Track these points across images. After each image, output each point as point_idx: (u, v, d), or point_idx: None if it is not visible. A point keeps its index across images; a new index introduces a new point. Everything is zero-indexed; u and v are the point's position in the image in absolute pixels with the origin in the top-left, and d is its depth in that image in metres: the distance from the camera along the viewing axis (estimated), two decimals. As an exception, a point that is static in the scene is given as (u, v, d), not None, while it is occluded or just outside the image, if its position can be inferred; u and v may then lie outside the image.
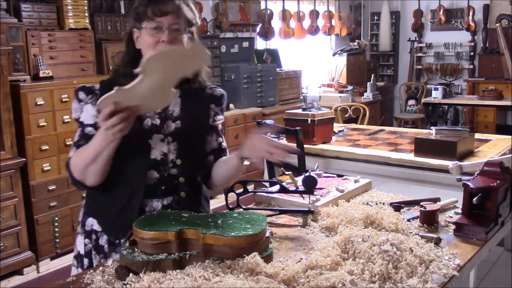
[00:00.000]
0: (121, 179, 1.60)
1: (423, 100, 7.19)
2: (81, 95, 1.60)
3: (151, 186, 1.61)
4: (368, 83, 7.34)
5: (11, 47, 3.67)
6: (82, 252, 1.69)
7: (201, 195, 1.76)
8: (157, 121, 1.63)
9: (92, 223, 1.67)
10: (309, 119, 3.50)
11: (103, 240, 1.65)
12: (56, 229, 3.85)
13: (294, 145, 3.30)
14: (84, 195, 1.77)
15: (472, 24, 7.65)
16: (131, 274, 1.28)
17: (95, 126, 1.55)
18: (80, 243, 1.70)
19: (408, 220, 1.70)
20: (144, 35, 1.56)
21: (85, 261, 1.67)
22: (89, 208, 1.71)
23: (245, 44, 6.27)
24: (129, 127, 1.37)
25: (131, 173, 1.60)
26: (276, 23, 6.63)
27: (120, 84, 1.40)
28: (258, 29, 6.53)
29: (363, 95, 7.28)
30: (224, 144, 1.81)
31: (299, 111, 3.67)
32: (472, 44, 7.87)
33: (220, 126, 1.80)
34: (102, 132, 1.39)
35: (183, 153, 1.65)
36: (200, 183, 1.76)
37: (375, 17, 8.59)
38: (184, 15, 1.56)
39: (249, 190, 1.81)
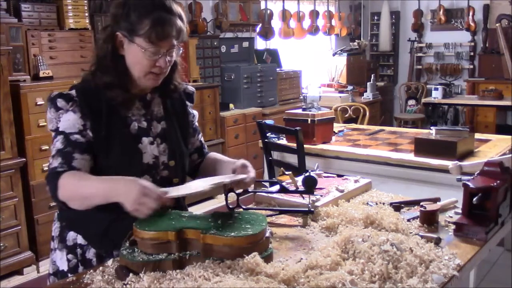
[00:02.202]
0: None
1: (423, 100, 7.19)
2: (60, 102, 1.50)
3: None
4: (368, 83, 7.34)
5: (11, 47, 3.67)
6: (65, 268, 1.57)
7: None
8: (144, 124, 1.58)
9: (75, 237, 1.58)
10: (309, 119, 3.50)
11: (91, 254, 1.56)
12: (56, 229, 3.84)
13: (294, 145, 3.30)
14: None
15: (472, 24, 7.65)
16: (131, 274, 1.28)
17: (82, 133, 1.49)
18: (61, 259, 1.59)
19: (408, 220, 1.70)
20: (137, 50, 1.48)
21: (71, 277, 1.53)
22: (68, 222, 1.60)
23: (245, 44, 6.27)
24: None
25: None
26: (276, 23, 6.63)
27: (97, 89, 1.47)
28: (258, 29, 6.53)
29: (363, 95, 7.28)
30: (202, 139, 1.84)
31: (299, 111, 3.67)
32: (472, 44, 7.87)
33: (196, 124, 1.81)
34: (126, 200, 1.36)
35: (175, 154, 1.63)
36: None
37: (375, 17, 8.59)
38: (182, 38, 1.51)
39: (249, 190, 1.81)
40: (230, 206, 1.70)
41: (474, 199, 1.62)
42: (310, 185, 1.71)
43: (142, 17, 1.45)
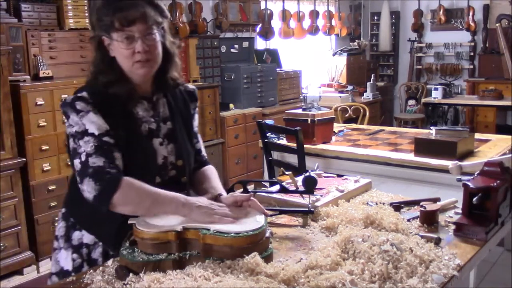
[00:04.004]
0: None
1: (423, 100, 7.19)
2: (80, 104, 1.49)
3: None
4: (368, 83, 7.34)
5: (11, 47, 3.67)
6: (69, 268, 1.59)
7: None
8: (154, 125, 1.61)
9: (80, 236, 1.59)
10: (309, 119, 3.50)
11: (97, 253, 1.58)
12: (56, 229, 3.84)
13: (294, 145, 3.30)
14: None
15: (472, 24, 7.64)
16: (131, 274, 1.28)
17: (109, 134, 1.49)
18: (65, 259, 1.60)
19: (408, 220, 1.70)
20: (117, 45, 1.51)
21: None
22: (78, 221, 1.61)
23: (245, 44, 6.27)
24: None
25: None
26: (276, 23, 6.63)
27: (105, 91, 1.50)
28: (258, 29, 6.52)
29: (363, 95, 7.28)
30: (199, 145, 1.82)
31: (299, 111, 3.67)
32: (472, 44, 7.87)
33: (196, 129, 1.80)
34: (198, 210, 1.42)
35: (183, 153, 1.65)
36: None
37: (375, 17, 8.59)
38: (153, 19, 1.51)
39: (249, 190, 1.81)
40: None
41: (474, 199, 1.62)
42: (310, 185, 1.71)
43: (108, 11, 1.49)
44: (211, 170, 1.80)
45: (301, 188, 1.73)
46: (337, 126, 4.09)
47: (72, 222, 1.61)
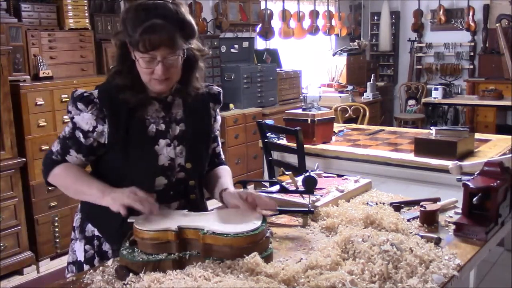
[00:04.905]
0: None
1: (423, 100, 7.19)
2: (80, 105, 1.54)
3: (159, 192, 1.58)
4: (368, 83, 7.34)
5: (11, 47, 3.67)
6: (81, 259, 1.64)
7: (204, 195, 1.76)
8: (162, 126, 1.59)
9: (93, 228, 1.64)
10: (309, 119, 3.50)
11: (107, 246, 1.62)
12: (56, 229, 3.85)
13: (294, 145, 3.30)
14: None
15: (472, 24, 7.64)
16: (131, 274, 1.29)
17: (86, 135, 1.55)
18: (79, 250, 1.65)
19: (408, 220, 1.70)
20: (137, 58, 1.50)
21: (86, 267, 1.61)
22: (87, 215, 1.66)
23: (245, 44, 6.27)
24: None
25: (138, 182, 1.53)
26: (276, 23, 6.63)
27: (117, 93, 1.52)
28: (258, 29, 6.52)
29: (363, 95, 7.28)
30: (219, 148, 1.82)
31: (299, 111, 3.67)
32: (472, 44, 7.87)
33: (217, 132, 1.79)
34: (111, 196, 1.47)
35: (192, 156, 1.63)
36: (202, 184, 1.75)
37: (375, 17, 8.58)
38: (178, 45, 1.48)
39: (249, 190, 1.81)
40: None
41: (474, 199, 1.62)
42: (310, 185, 1.71)
43: (135, 28, 1.45)
44: (223, 169, 1.79)
45: (301, 188, 1.73)
46: (337, 126, 4.09)
47: (86, 215, 1.66)
